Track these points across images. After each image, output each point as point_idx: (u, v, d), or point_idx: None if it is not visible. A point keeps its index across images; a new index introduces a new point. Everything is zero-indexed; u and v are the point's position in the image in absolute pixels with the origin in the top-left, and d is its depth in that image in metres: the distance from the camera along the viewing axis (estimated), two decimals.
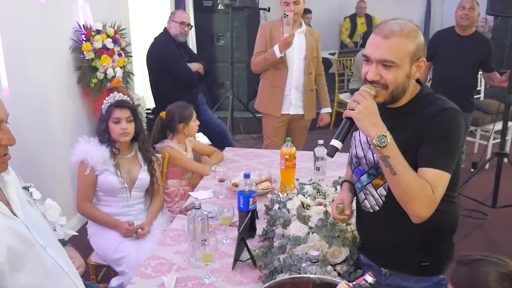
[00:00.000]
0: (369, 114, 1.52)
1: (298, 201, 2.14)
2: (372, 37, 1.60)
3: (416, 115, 1.61)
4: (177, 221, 2.44)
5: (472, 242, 3.88)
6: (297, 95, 3.86)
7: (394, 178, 1.52)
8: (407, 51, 1.55)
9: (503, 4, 3.95)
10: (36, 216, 1.69)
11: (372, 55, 1.57)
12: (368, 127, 1.51)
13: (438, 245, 1.72)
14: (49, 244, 1.63)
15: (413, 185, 1.50)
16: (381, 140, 1.49)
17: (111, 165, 2.68)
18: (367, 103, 1.52)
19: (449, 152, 1.56)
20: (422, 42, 1.58)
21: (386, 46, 1.54)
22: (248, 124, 6.54)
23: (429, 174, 1.53)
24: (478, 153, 5.69)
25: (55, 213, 1.88)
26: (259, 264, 1.94)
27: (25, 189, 1.76)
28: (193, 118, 3.21)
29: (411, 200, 1.52)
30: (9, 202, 1.58)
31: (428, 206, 1.52)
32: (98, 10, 4.13)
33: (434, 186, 1.51)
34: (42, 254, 1.58)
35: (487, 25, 8.49)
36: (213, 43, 7.00)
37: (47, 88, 3.55)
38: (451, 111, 1.58)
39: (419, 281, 1.72)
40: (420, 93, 1.66)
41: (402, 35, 1.54)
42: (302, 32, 3.79)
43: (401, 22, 1.58)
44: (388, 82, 1.56)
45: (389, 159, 1.51)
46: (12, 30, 3.11)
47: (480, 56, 4.20)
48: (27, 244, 1.54)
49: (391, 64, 1.54)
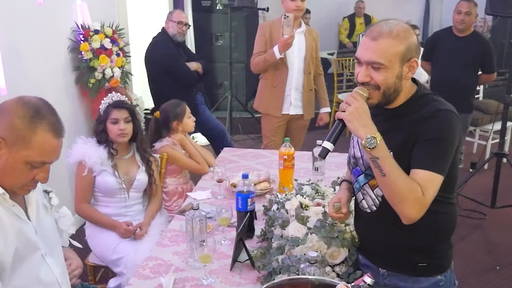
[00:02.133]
0: (359, 115, 1.52)
1: (296, 202, 2.13)
2: (362, 39, 1.60)
3: (412, 116, 1.60)
4: (175, 221, 2.43)
5: (471, 243, 3.88)
6: (296, 95, 3.86)
7: (383, 179, 1.52)
8: (396, 52, 1.54)
9: (502, 4, 3.95)
10: (48, 222, 1.73)
11: (361, 57, 1.58)
12: (358, 129, 1.51)
13: (436, 246, 1.71)
14: (50, 252, 1.66)
15: (402, 186, 1.50)
16: (370, 142, 1.49)
17: (109, 165, 2.68)
18: (357, 104, 1.52)
19: (442, 154, 1.55)
20: (413, 42, 1.56)
21: (375, 48, 1.54)
22: (247, 124, 6.53)
23: (420, 176, 1.52)
24: (477, 153, 5.70)
25: (67, 223, 1.90)
26: (257, 265, 1.93)
27: (45, 192, 1.78)
28: (187, 115, 3.18)
29: (401, 201, 1.52)
30: (27, 205, 1.62)
31: (417, 208, 1.51)
32: (96, 10, 4.13)
33: (425, 188, 1.51)
34: (40, 261, 1.61)
35: (486, 25, 8.50)
36: (211, 43, 6.99)
37: (45, 88, 3.54)
38: (446, 113, 1.57)
39: (416, 281, 1.72)
40: (416, 94, 1.65)
41: (390, 36, 1.54)
42: (302, 32, 3.79)
43: (392, 23, 1.57)
44: (378, 83, 1.56)
45: (378, 160, 1.51)
46: (10, 30, 3.11)
47: (478, 56, 4.20)
48: (30, 249, 1.58)
49: (380, 66, 1.54)
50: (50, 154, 1.51)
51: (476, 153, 5.78)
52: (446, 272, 1.73)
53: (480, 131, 5.67)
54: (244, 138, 6.30)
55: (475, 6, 4.18)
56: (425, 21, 9.38)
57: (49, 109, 1.52)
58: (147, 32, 5.19)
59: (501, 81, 6.75)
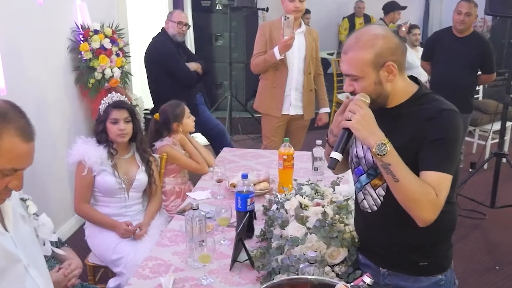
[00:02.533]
0: (366, 123, 1.52)
1: (296, 202, 2.13)
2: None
3: (413, 116, 1.60)
4: (174, 221, 2.43)
5: (471, 242, 3.89)
6: (296, 96, 3.86)
7: (396, 185, 1.52)
8: (365, 62, 1.55)
9: (501, 4, 3.96)
10: (27, 232, 1.64)
11: (342, 71, 1.64)
12: (367, 137, 1.52)
13: (436, 245, 1.71)
14: (32, 263, 1.58)
15: (416, 190, 1.50)
16: (380, 149, 1.49)
17: (109, 165, 2.68)
18: (363, 112, 1.53)
19: (449, 154, 1.56)
20: (384, 47, 1.56)
21: (346, 61, 1.59)
22: (247, 124, 6.54)
23: (431, 178, 1.53)
24: (477, 153, 5.70)
25: (47, 231, 1.84)
26: (257, 265, 1.93)
27: (22, 200, 1.73)
28: (186, 115, 3.18)
29: (416, 206, 1.52)
30: (3, 216, 1.53)
31: (433, 210, 1.52)
32: (96, 10, 4.13)
33: (438, 189, 1.51)
34: (23, 273, 1.53)
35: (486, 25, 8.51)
36: (211, 43, 7.00)
37: (45, 88, 3.55)
38: (449, 112, 1.58)
39: (417, 281, 1.72)
40: (417, 93, 1.65)
41: (356, 48, 1.56)
42: (302, 33, 3.79)
43: (360, 32, 1.60)
44: (359, 93, 1.59)
45: (390, 166, 1.51)
46: (10, 30, 3.11)
47: (477, 57, 4.20)
48: (9, 261, 1.49)
49: (355, 77, 1.58)
50: (21, 160, 1.40)
51: (476, 153, 5.78)
52: (447, 271, 1.73)
53: (479, 131, 5.68)
54: (243, 138, 6.30)
55: (475, 7, 4.19)
56: (424, 21, 9.39)
57: (16, 112, 1.39)
58: (147, 32, 5.20)
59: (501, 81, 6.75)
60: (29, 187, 1.89)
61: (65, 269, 1.95)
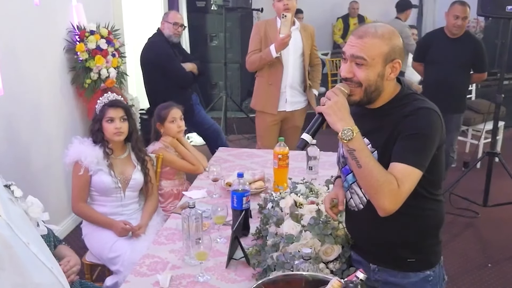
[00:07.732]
0: (337, 109, 1.56)
1: (291, 200, 2.16)
2: (349, 37, 1.66)
3: (395, 115, 1.64)
4: (171, 220, 2.45)
5: (464, 241, 3.93)
6: (292, 92, 3.89)
7: (360, 171, 1.56)
8: (380, 52, 1.58)
9: (493, 5, 3.98)
10: (18, 213, 1.68)
11: (347, 51, 1.63)
12: (335, 121, 1.56)
13: (424, 241, 1.74)
14: (32, 241, 1.61)
15: (378, 178, 1.53)
16: (346, 134, 1.53)
17: (105, 165, 2.69)
18: (336, 99, 1.57)
19: (420, 149, 1.58)
20: (397, 44, 1.61)
21: (359, 45, 1.59)
22: (242, 124, 6.55)
23: (397, 169, 1.56)
24: (470, 153, 5.75)
25: (37, 210, 1.83)
26: (252, 262, 1.95)
27: (6, 187, 1.74)
28: (169, 119, 3.15)
29: (376, 193, 1.55)
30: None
31: (392, 200, 1.54)
32: (91, 10, 4.14)
33: (401, 180, 1.54)
34: (25, 251, 1.56)
35: (479, 25, 8.54)
36: (206, 43, 7.02)
37: (41, 89, 3.56)
38: (425, 110, 1.61)
39: (406, 276, 1.75)
40: (400, 94, 1.69)
41: (375, 36, 1.59)
42: (297, 29, 3.82)
43: (378, 24, 1.63)
44: (360, 80, 1.61)
45: (355, 152, 1.55)
46: (6, 30, 3.12)
47: (470, 57, 4.22)
48: (6, 244, 1.51)
49: (363, 62, 1.59)
50: None
51: (469, 152, 5.83)
52: (435, 267, 1.76)
53: (472, 130, 5.72)
54: (239, 138, 6.32)
55: (469, 9, 4.21)
56: (418, 22, 9.41)
57: None
58: (142, 33, 5.20)
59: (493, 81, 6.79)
60: (25, 187, 1.91)
61: (64, 265, 1.96)
